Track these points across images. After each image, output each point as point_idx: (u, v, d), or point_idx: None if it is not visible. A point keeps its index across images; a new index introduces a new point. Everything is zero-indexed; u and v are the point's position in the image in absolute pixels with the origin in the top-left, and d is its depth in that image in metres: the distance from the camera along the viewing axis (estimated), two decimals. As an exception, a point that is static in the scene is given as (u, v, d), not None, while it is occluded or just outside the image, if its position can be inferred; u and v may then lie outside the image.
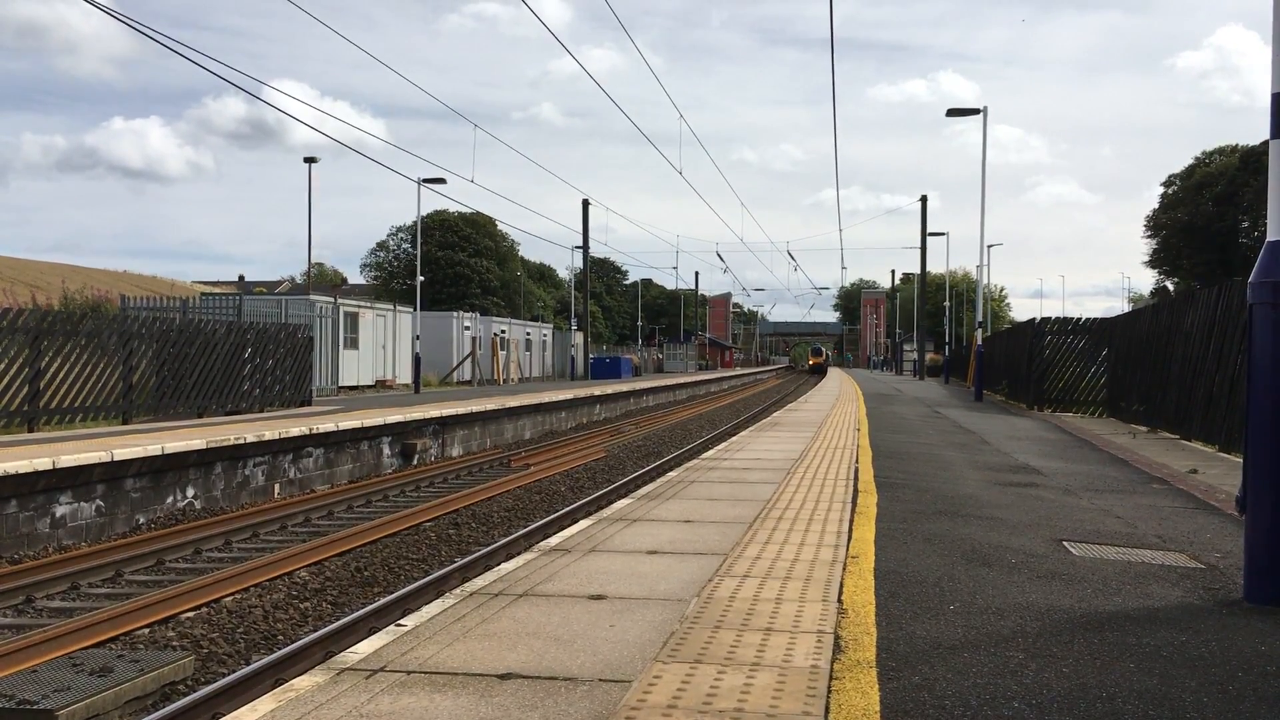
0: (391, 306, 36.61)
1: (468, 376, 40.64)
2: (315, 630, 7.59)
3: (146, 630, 7.63)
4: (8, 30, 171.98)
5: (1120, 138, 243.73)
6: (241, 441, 13.66)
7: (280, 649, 7.01)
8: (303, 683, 3.37)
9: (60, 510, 10.96)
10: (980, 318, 33.94)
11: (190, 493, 12.99)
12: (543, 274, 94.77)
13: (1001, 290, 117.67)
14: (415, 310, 35.98)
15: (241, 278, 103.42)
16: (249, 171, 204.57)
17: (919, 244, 52.74)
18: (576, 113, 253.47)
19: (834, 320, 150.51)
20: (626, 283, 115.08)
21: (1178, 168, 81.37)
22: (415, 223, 49.42)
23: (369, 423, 16.94)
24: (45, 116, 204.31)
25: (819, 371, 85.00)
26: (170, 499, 12.61)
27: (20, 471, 10.24)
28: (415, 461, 18.38)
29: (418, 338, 34.68)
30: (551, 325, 61.38)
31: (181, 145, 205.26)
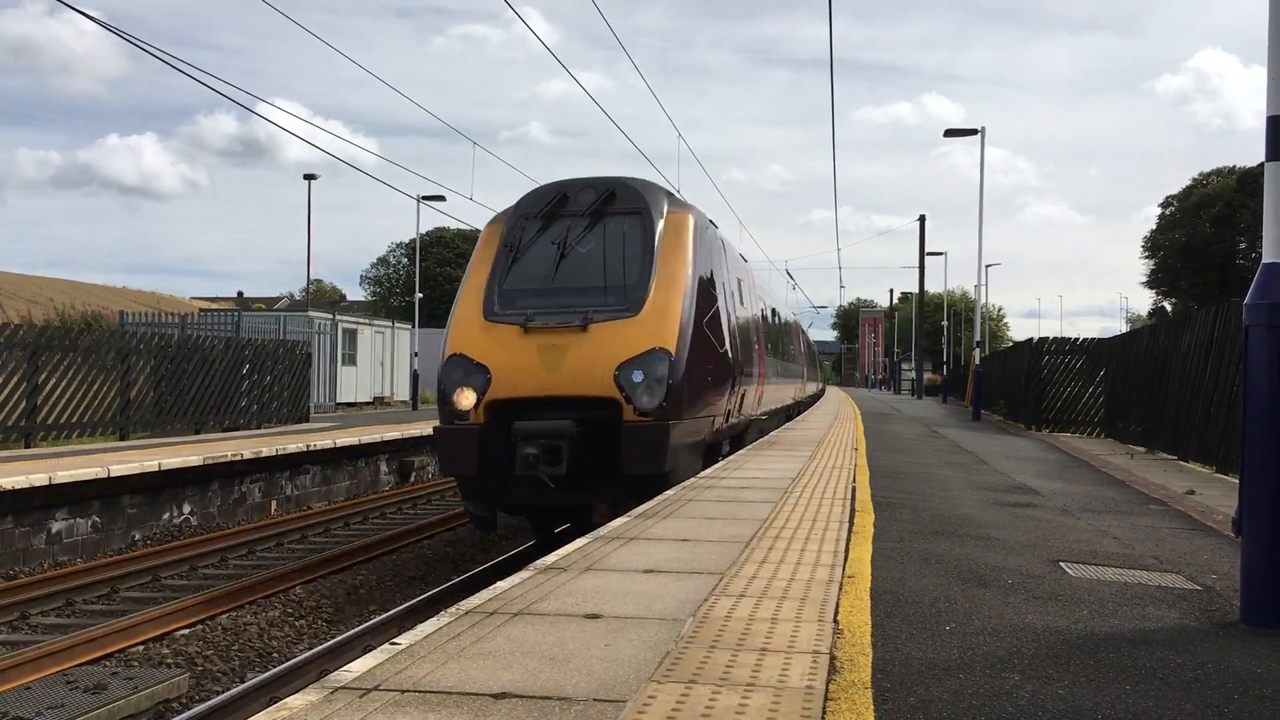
0: (390, 323, 36.63)
1: (466, 394, 40.54)
2: (310, 648, 7.57)
3: (141, 648, 7.62)
4: (2, 48, 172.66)
5: (1107, 160, 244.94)
6: (238, 458, 13.64)
7: (275, 667, 6.99)
8: (296, 701, 3.36)
9: (56, 526, 10.94)
10: (978, 337, 33.97)
11: (186, 509, 12.97)
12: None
13: (999, 310, 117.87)
14: (414, 327, 35.99)
15: (240, 294, 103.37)
16: (243, 188, 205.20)
17: (915, 263, 52.85)
18: (565, 132, 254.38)
19: (832, 339, 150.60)
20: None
21: (1166, 190, 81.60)
22: (414, 239, 49.48)
23: (366, 439, 16.92)
24: (41, 133, 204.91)
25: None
26: (166, 515, 12.59)
27: (17, 487, 10.23)
28: (412, 479, 18.35)
29: (416, 354, 34.68)
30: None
31: (175, 162, 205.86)
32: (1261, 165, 5.16)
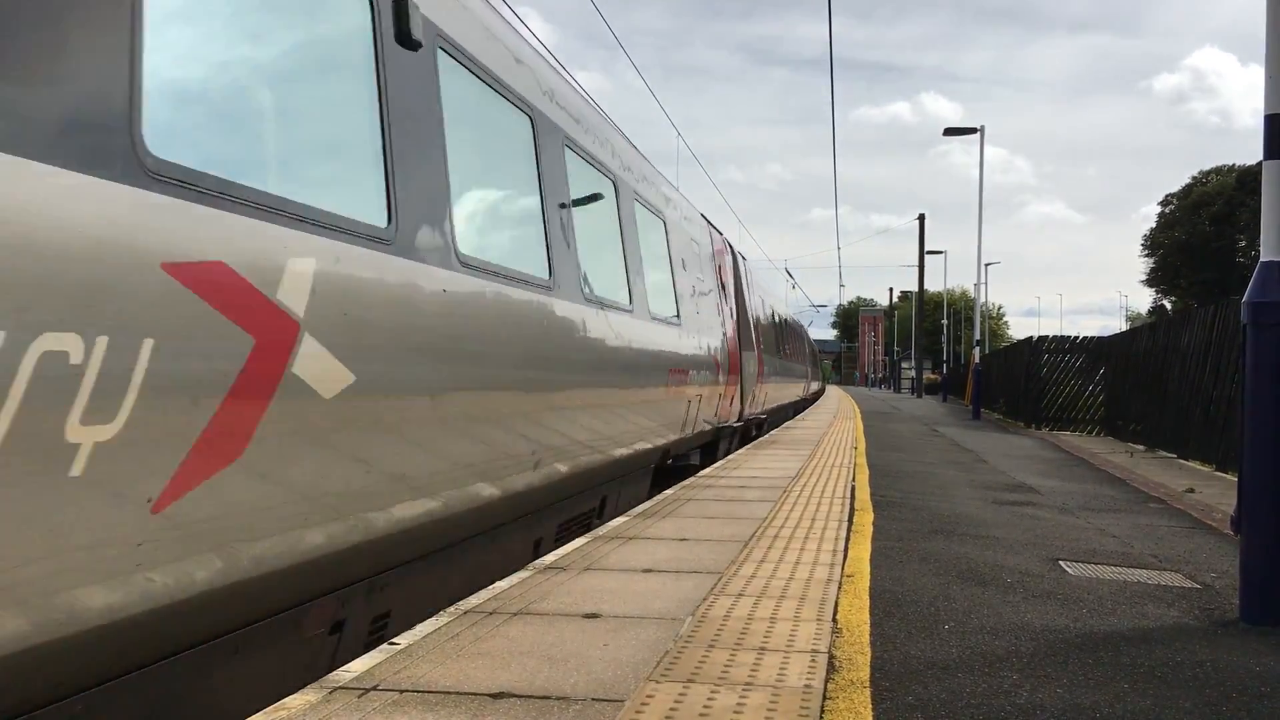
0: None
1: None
2: (309, 648, 7.52)
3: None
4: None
5: (1105, 159, 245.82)
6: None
7: (274, 667, 6.91)
8: (295, 701, 3.36)
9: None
10: (978, 336, 33.98)
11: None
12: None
13: (999, 309, 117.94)
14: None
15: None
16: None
17: (914, 262, 52.92)
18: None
19: (832, 338, 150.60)
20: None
21: (1164, 188, 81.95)
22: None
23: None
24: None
25: None
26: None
27: None
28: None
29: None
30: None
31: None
32: (1260, 163, 5.16)
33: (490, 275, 5.64)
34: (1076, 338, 25.16)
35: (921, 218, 52.61)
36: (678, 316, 11.35)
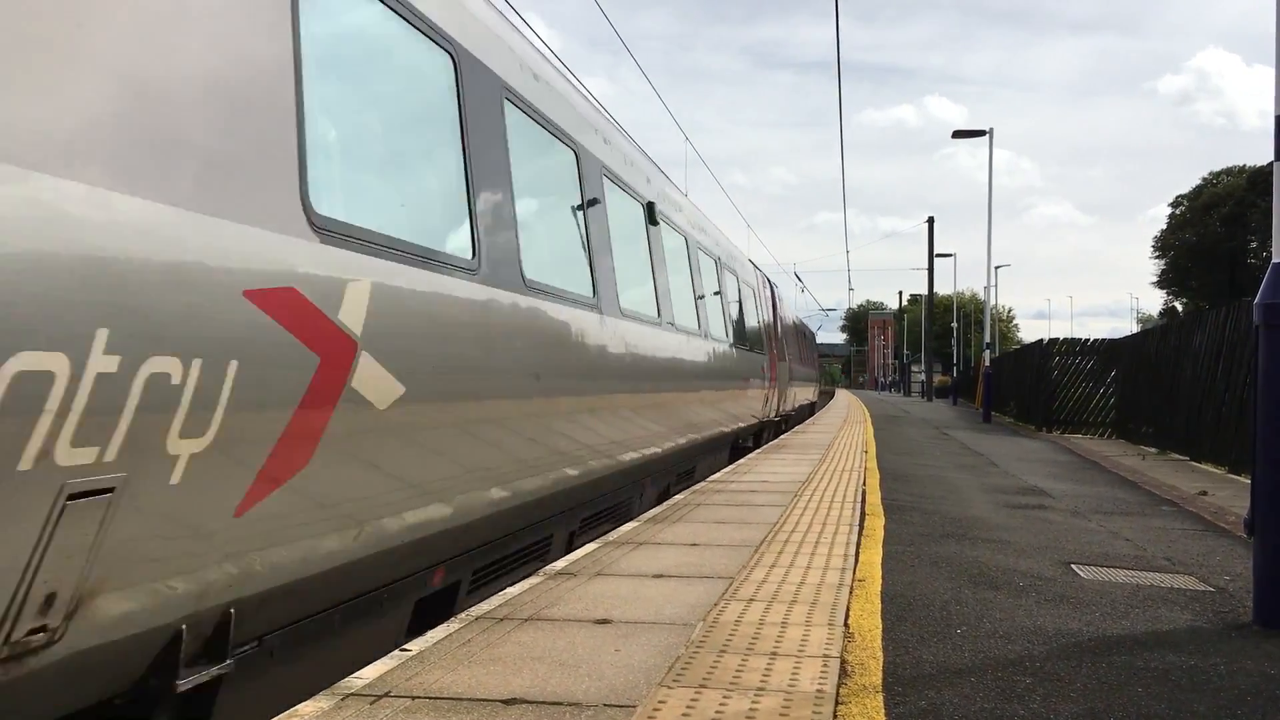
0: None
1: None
2: (321, 655, 7.52)
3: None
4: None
5: (1111, 160, 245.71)
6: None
7: (286, 674, 6.91)
8: (307, 708, 3.37)
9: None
10: (988, 339, 33.89)
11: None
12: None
13: (1009, 311, 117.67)
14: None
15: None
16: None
17: (922, 265, 52.86)
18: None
19: (841, 342, 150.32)
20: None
21: (1169, 190, 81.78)
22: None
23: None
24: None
25: None
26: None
27: None
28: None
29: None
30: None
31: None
32: (1270, 164, 5.15)
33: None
34: (1087, 340, 25.04)
35: (930, 221, 52.56)
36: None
